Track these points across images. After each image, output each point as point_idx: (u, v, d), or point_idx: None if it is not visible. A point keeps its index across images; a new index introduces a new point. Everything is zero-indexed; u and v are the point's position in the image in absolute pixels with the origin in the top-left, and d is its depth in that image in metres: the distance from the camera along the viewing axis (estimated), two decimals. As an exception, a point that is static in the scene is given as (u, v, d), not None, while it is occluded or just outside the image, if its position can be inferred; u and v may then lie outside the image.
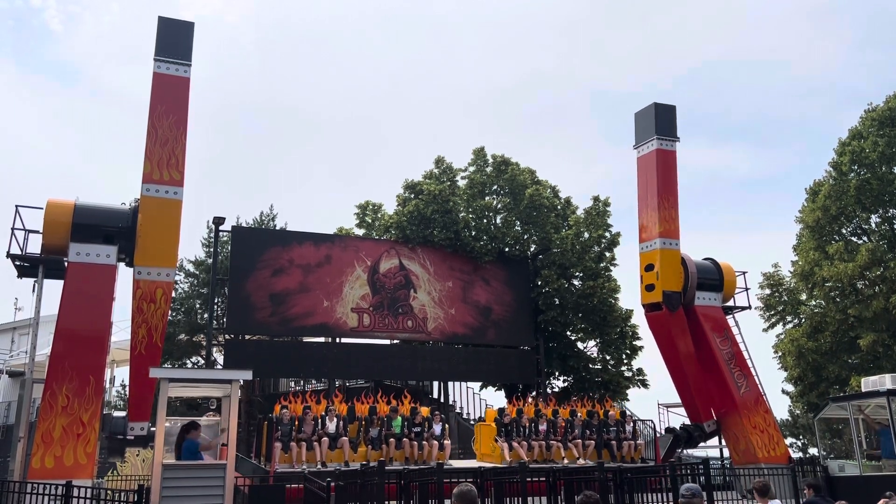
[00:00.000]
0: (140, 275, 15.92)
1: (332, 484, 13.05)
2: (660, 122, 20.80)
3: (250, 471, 16.25)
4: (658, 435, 22.50)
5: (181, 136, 16.53)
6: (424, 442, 17.23)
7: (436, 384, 29.81)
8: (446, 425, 18.19)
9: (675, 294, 20.29)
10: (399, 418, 17.43)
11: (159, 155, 16.20)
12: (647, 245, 20.49)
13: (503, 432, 17.88)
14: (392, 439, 16.95)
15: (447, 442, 17.69)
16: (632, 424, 20.27)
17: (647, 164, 20.92)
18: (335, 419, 16.75)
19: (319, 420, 16.74)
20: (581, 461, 17.92)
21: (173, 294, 26.53)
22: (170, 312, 27.61)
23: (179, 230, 16.25)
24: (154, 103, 16.54)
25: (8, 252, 16.37)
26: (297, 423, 16.50)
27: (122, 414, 16.90)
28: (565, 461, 17.94)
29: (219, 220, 25.13)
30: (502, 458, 17.40)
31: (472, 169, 30.47)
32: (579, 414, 19.39)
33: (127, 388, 33.53)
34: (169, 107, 16.58)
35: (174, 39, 17.02)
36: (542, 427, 18.47)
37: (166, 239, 16.02)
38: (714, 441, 22.79)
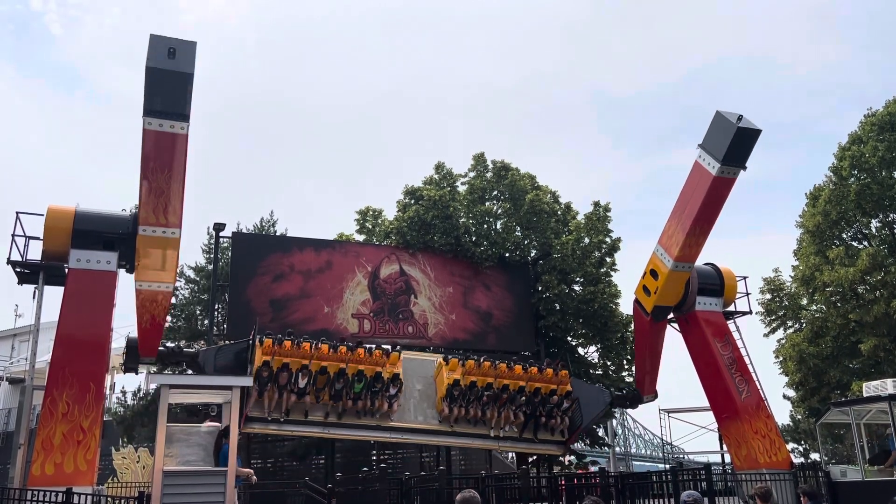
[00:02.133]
0: (141, 286, 16.17)
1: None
2: (734, 146, 16.93)
3: None
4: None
5: (178, 187, 14.83)
6: (377, 400, 19.35)
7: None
8: (402, 390, 19.90)
9: (667, 309, 20.57)
10: (363, 381, 19.18)
11: (154, 203, 14.90)
12: (662, 253, 19.54)
13: (450, 397, 20.00)
14: (351, 396, 19.18)
15: (397, 403, 19.64)
16: (570, 404, 21.21)
17: (699, 181, 17.99)
18: (307, 377, 18.69)
19: (294, 374, 18.60)
20: (505, 429, 20.58)
21: (174, 301, 26.59)
22: (170, 319, 27.68)
23: (178, 258, 16.28)
24: (146, 159, 14.41)
25: (8, 259, 16.38)
26: (274, 373, 18.38)
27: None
28: (493, 427, 20.47)
29: (219, 227, 25.11)
30: (441, 412, 20.15)
31: (472, 174, 30.49)
32: (526, 388, 20.71)
33: (127, 394, 33.53)
34: (164, 163, 14.46)
35: (169, 84, 13.70)
36: (486, 395, 20.18)
37: (165, 265, 16.07)
38: (716, 446, 22.83)
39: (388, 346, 20.67)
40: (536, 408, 20.75)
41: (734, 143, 16.81)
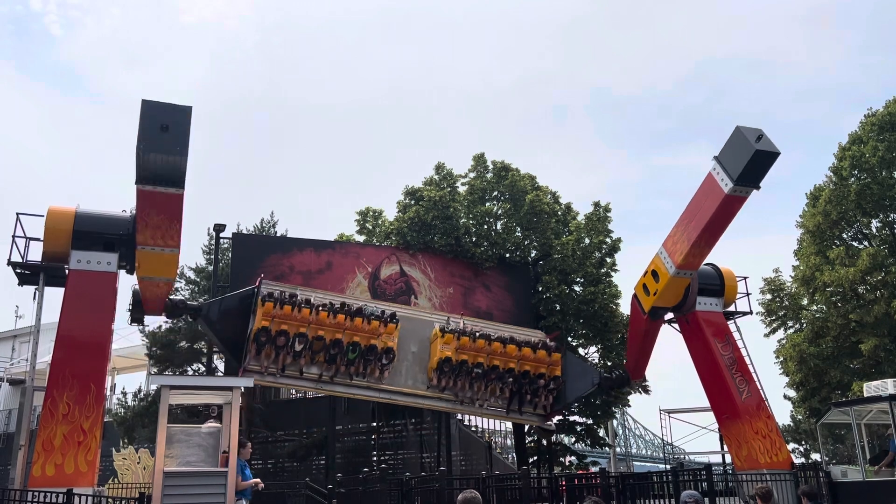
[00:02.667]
0: (143, 279, 16.24)
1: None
2: (750, 167, 16.47)
3: None
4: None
5: (176, 223, 14.70)
6: (370, 366, 19.95)
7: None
8: (394, 360, 20.30)
9: (664, 310, 20.64)
10: (357, 351, 19.73)
11: (152, 233, 14.77)
12: (665, 257, 19.39)
13: (440, 370, 20.61)
14: (345, 362, 19.82)
15: (388, 371, 20.23)
16: (557, 385, 21.75)
17: (710, 195, 17.67)
18: (303, 343, 19.30)
19: (291, 339, 19.14)
20: (490, 401, 21.31)
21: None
22: (172, 320, 27.62)
23: (177, 265, 16.29)
24: (140, 210, 14.42)
25: (9, 260, 16.39)
26: (272, 337, 18.93)
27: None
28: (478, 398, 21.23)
29: (219, 227, 25.10)
30: (430, 380, 20.79)
31: (472, 175, 30.47)
32: (516, 369, 21.19)
33: (128, 395, 33.53)
34: (160, 212, 14.38)
35: (162, 162, 13.27)
36: (476, 371, 20.74)
37: (166, 268, 16.02)
38: (716, 447, 22.84)
39: (389, 311, 20.55)
40: (523, 386, 21.45)
41: (750, 164, 16.45)
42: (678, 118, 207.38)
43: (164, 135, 13.03)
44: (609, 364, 29.23)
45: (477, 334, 21.18)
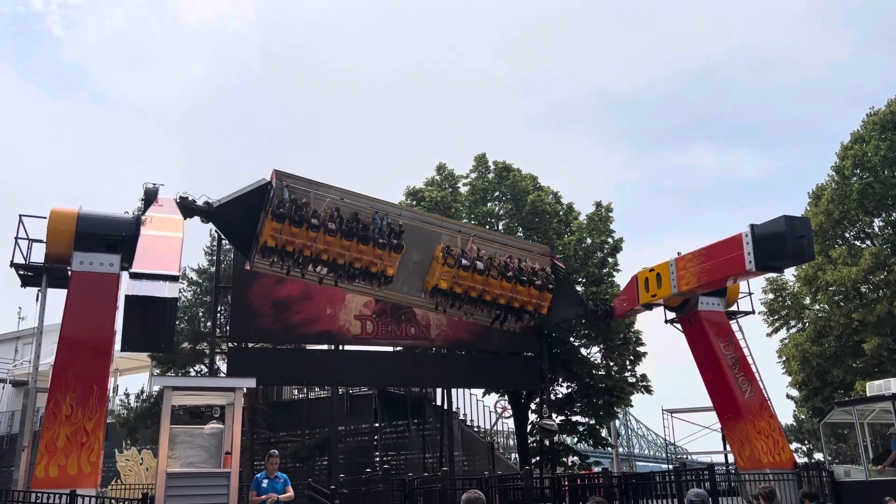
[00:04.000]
0: (148, 232, 15.94)
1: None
2: (778, 260, 17.19)
3: None
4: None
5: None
6: (370, 279, 20.29)
7: (439, 391, 29.78)
8: (392, 281, 20.63)
9: (657, 304, 21.36)
10: (356, 271, 19.92)
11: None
12: (673, 274, 19.78)
13: (434, 292, 21.15)
14: (345, 276, 20.15)
15: (386, 287, 20.72)
16: (541, 315, 22.64)
17: (732, 259, 17.94)
18: (308, 256, 19.33)
19: (298, 252, 19.20)
20: (474, 315, 22.15)
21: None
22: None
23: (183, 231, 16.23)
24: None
25: (11, 261, 16.41)
26: (278, 248, 19.02)
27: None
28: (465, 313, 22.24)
29: (222, 228, 25.09)
30: (425, 293, 21.47)
31: (473, 175, 30.48)
32: (506, 304, 21.78)
33: (131, 396, 33.55)
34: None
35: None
36: (480, 266, 21.09)
37: (172, 224, 16.05)
38: (719, 446, 22.82)
39: (397, 236, 20.32)
40: (510, 312, 22.33)
41: (780, 257, 17.04)
42: (680, 117, 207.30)
43: (149, 333, 13.77)
44: (611, 364, 29.27)
45: (478, 265, 21.28)
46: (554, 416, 27.63)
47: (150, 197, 17.66)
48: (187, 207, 18.26)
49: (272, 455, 12.75)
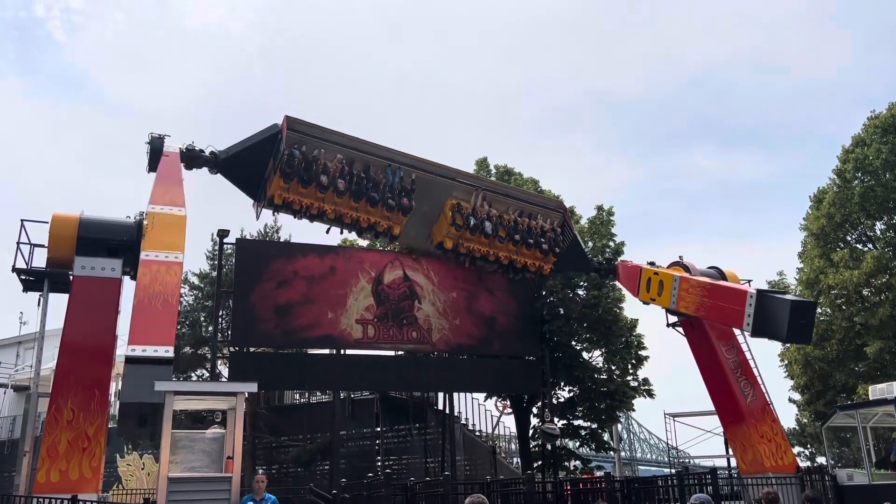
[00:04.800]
0: (147, 256, 15.23)
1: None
2: (770, 336, 18.00)
3: None
4: None
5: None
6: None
7: (441, 395, 29.72)
8: (398, 238, 21.54)
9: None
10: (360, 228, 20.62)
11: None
12: (675, 289, 20.09)
13: (438, 247, 21.90)
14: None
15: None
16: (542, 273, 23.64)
17: (732, 310, 18.29)
18: (315, 213, 19.84)
19: (304, 208, 19.53)
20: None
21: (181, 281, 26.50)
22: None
23: (185, 232, 16.13)
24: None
25: (13, 266, 16.42)
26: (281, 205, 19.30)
27: None
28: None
29: (223, 233, 25.10)
30: (430, 242, 22.43)
31: (475, 179, 30.42)
32: (505, 263, 22.52)
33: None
34: None
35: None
36: (488, 228, 21.51)
37: (173, 233, 15.87)
38: (721, 451, 22.77)
39: (407, 195, 20.30)
40: (511, 268, 23.04)
41: (775, 335, 17.44)
42: (681, 120, 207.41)
43: (141, 427, 13.90)
44: (613, 368, 29.21)
45: (486, 227, 21.37)
46: (556, 420, 27.55)
47: (155, 147, 17.45)
48: (194, 157, 18.00)
49: (258, 476, 12.35)
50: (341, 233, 20.77)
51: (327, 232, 20.91)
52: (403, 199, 19.67)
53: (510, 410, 30.36)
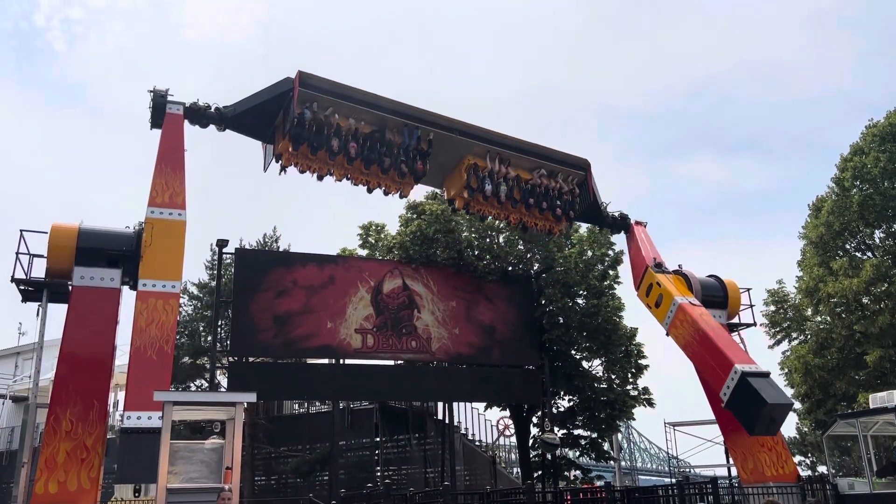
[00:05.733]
0: (145, 287, 15.39)
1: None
2: (739, 414, 17.53)
3: None
4: None
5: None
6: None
7: (440, 405, 29.68)
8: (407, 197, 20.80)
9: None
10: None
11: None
12: (671, 312, 19.91)
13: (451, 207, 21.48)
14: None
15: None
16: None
17: (715, 374, 18.12)
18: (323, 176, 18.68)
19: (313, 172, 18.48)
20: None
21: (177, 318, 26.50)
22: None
23: (184, 242, 16.10)
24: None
25: (12, 276, 16.39)
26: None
27: None
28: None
29: (222, 243, 25.13)
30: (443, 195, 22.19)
31: (474, 189, 30.44)
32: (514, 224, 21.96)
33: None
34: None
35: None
36: (502, 195, 20.30)
37: (172, 251, 15.81)
38: (722, 460, 22.72)
39: (421, 162, 19.25)
40: (521, 226, 22.04)
41: (746, 419, 17.03)
42: (681, 130, 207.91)
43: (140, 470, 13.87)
44: (613, 377, 29.16)
45: (501, 194, 20.38)
46: (556, 429, 27.50)
47: (157, 104, 17.12)
48: (199, 115, 17.54)
49: (224, 493, 11.81)
50: (355, 185, 19.05)
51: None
52: (417, 162, 18.60)
53: (512, 432, 30.18)
